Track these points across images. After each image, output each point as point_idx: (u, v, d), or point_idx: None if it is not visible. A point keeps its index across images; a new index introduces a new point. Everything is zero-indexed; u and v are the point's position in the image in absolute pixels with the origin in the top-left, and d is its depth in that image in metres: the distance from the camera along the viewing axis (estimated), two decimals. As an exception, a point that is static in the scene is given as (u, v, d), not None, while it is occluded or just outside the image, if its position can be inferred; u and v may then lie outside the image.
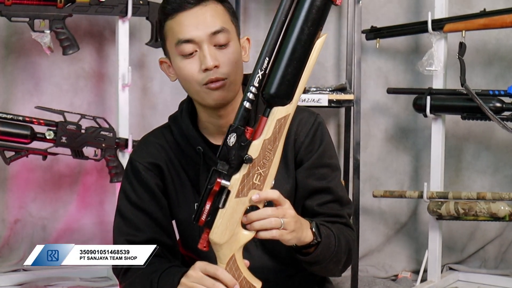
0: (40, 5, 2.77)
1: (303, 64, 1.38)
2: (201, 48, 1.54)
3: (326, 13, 1.40)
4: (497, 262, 3.21)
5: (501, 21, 2.76)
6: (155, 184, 1.65)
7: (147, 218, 1.64)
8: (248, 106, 1.38)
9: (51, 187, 3.20)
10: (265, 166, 1.39)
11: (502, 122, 2.73)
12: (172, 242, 1.67)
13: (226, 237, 1.40)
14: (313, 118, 1.65)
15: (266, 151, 1.39)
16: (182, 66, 1.57)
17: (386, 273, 3.21)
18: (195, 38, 1.54)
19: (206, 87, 1.55)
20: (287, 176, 1.63)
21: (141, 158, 1.66)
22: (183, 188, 1.66)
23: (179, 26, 1.54)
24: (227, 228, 1.39)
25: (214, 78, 1.54)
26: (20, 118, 2.79)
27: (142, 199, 1.65)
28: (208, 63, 1.53)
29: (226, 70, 1.55)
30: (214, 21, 1.54)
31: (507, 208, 2.75)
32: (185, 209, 1.65)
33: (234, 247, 1.41)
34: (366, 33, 3.10)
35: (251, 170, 1.38)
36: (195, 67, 1.55)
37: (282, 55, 1.37)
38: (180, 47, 1.55)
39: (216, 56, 1.54)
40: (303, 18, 1.37)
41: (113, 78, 3.11)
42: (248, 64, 1.61)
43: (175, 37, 1.55)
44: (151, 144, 1.68)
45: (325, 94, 2.91)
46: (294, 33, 1.37)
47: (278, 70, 1.37)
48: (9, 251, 3.15)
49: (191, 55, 1.55)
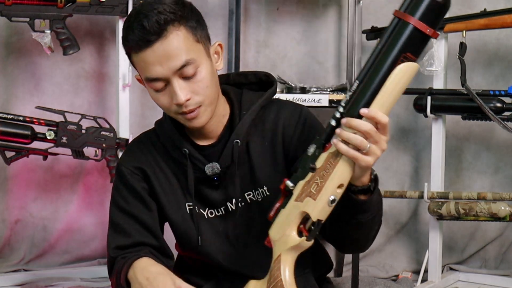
0: (40, 5, 2.77)
1: (379, 85, 1.37)
2: (170, 82, 1.52)
3: (424, 45, 1.39)
4: (497, 262, 3.21)
5: (501, 21, 2.76)
6: (142, 187, 1.66)
7: (135, 222, 1.65)
8: (333, 124, 1.40)
9: (52, 187, 3.20)
10: (323, 178, 1.41)
11: (502, 122, 2.73)
12: (160, 243, 1.67)
13: (278, 236, 1.45)
14: (299, 109, 1.66)
15: (328, 163, 1.40)
16: (155, 98, 1.57)
17: (387, 273, 3.21)
18: (161, 76, 1.51)
19: (182, 116, 1.56)
20: (276, 170, 1.64)
21: (127, 163, 1.68)
22: (172, 189, 1.66)
23: (143, 63, 1.52)
24: (281, 227, 1.45)
25: (188, 111, 1.54)
26: (21, 118, 2.79)
27: (130, 204, 1.66)
28: (179, 100, 1.52)
29: (199, 99, 1.54)
30: (177, 55, 1.50)
31: (508, 208, 2.75)
32: (176, 210, 1.67)
33: (282, 247, 1.45)
34: (367, 33, 3.10)
35: (312, 179, 1.42)
36: (167, 100, 1.54)
37: (367, 77, 1.38)
38: (149, 83, 1.54)
39: (186, 88, 1.52)
40: (399, 48, 1.36)
41: (113, 78, 3.12)
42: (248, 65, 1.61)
43: (143, 73, 1.54)
44: (137, 149, 1.69)
45: (325, 94, 2.91)
46: (385, 61, 1.36)
47: (360, 90, 1.38)
48: (10, 251, 3.15)
49: (162, 89, 1.54)
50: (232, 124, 1.64)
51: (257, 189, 1.65)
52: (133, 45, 1.51)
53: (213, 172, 1.63)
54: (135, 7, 1.58)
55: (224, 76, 1.71)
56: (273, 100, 1.69)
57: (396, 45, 1.36)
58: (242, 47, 3.25)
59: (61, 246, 3.20)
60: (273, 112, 1.66)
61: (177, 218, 1.67)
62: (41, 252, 3.17)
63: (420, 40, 1.36)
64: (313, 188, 1.41)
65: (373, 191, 1.48)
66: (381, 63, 1.37)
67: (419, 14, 1.35)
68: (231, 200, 1.66)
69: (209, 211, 1.68)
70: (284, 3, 3.31)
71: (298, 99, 2.86)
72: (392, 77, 1.36)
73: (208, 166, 1.63)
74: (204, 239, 1.67)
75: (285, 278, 1.46)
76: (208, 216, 1.68)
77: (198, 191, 1.66)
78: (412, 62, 1.36)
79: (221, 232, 1.67)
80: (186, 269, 1.78)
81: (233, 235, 1.67)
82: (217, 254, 1.68)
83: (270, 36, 3.32)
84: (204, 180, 1.65)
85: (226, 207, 1.67)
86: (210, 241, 1.67)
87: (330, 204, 1.41)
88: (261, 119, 1.66)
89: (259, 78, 1.73)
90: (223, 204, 1.67)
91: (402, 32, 1.36)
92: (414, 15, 1.35)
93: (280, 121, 1.65)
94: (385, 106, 1.38)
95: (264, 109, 1.67)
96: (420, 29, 1.35)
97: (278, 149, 1.64)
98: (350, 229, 1.53)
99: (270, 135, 1.65)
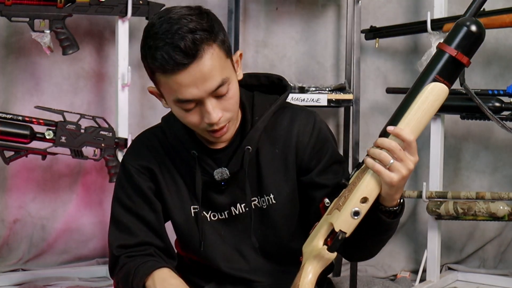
0: (40, 5, 2.77)
1: (407, 106, 1.44)
2: (202, 103, 1.47)
3: (457, 72, 1.47)
4: (496, 262, 3.21)
5: (500, 21, 2.76)
6: (148, 187, 1.63)
7: (140, 222, 1.63)
8: None
9: (51, 187, 3.20)
10: (351, 191, 1.43)
11: (501, 122, 2.73)
12: (165, 244, 1.66)
13: (307, 248, 1.47)
14: (313, 118, 1.63)
15: (357, 178, 1.44)
16: (182, 115, 1.51)
17: (385, 273, 3.21)
18: (196, 97, 1.46)
19: (210, 134, 1.53)
20: (286, 179, 1.62)
21: (133, 161, 1.64)
22: (178, 190, 1.64)
23: (176, 85, 1.44)
24: (311, 240, 1.47)
25: (218, 128, 1.51)
26: (20, 118, 2.79)
27: (135, 203, 1.63)
28: (213, 120, 1.48)
29: (229, 115, 1.51)
30: (213, 76, 1.44)
31: (506, 208, 2.75)
32: (181, 212, 1.65)
33: (308, 256, 1.46)
34: (366, 33, 3.10)
35: (342, 193, 1.45)
36: (196, 118, 1.50)
37: (403, 101, 1.45)
38: (179, 103, 1.48)
39: (219, 106, 1.48)
40: (431, 71, 1.44)
41: (112, 78, 3.12)
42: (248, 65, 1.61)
43: (173, 94, 1.47)
44: (143, 146, 1.65)
45: (324, 94, 2.91)
46: (418, 84, 1.44)
47: (395, 113, 1.46)
48: (8, 251, 3.15)
49: (192, 109, 1.49)
50: (243, 130, 1.61)
51: (263, 196, 1.63)
52: (164, 67, 1.42)
53: (222, 177, 1.60)
54: (153, 21, 1.46)
55: None
56: (285, 104, 1.66)
57: (429, 69, 1.43)
58: (241, 47, 3.25)
59: (60, 246, 3.20)
60: (286, 119, 1.63)
61: (181, 220, 1.65)
62: (40, 252, 3.17)
63: (453, 66, 1.44)
64: (341, 201, 1.43)
65: (398, 215, 1.50)
66: (414, 86, 1.44)
67: (455, 43, 1.43)
68: (236, 205, 1.64)
69: (212, 214, 1.66)
70: (283, 3, 3.32)
71: (297, 99, 2.87)
72: (419, 96, 1.42)
73: (218, 171, 1.60)
74: (206, 242, 1.66)
75: (303, 285, 1.45)
76: (211, 219, 1.66)
77: (204, 194, 1.63)
78: (441, 84, 1.42)
79: (222, 235, 1.66)
80: (187, 269, 1.78)
81: (234, 240, 1.65)
82: (217, 257, 1.66)
83: (269, 36, 3.33)
84: (210, 184, 1.62)
85: (230, 212, 1.65)
86: (212, 244, 1.66)
87: (353, 216, 1.41)
88: (273, 125, 1.63)
89: (271, 81, 1.69)
90: (227, 208, 1.65)
91: (438, 59, 1.44)
92: (451, 44, 1.43)
93: (294, 129, 1.62)
94: (411, 124, 1.43)
95: (277, 115, 1.63)
96: (454, 56, 1.43)
97: (290, 157, 1.62)
98: (369, 246, 1.56)
99: (282, 142, 1.62)
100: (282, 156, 1.62)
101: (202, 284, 1.73)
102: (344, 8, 3.23)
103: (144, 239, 1.62)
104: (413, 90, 1.43)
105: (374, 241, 1.54)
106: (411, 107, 1.41)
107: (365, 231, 1.47)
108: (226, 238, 1.65)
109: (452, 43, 1.43)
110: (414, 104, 1.42)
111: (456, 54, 1.42)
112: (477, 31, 1.43)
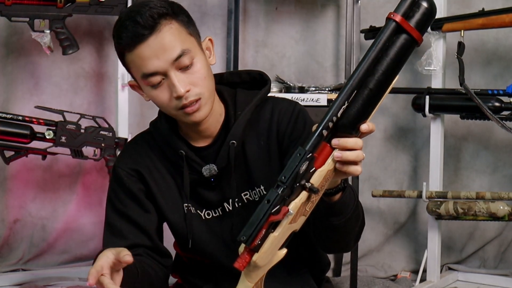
0: (40, 5, 2.77)
1: (379, 100, 1.36)
2: (167, 75, 1.52)
3: (410, 55, 1.37)
4: (496, 262, 3.21)
5: (500, 21, 2.76)
6: (138, 189, 1.66)
7: (131, 225, 1.65)
8: (324, 134, 1.33)
9: (51, 186, 3.20)
10: (319, 195, 1.36)
11: (501, 122, 2.73)
12: (153, 243, 1.67)
13: (267, 260, 1.36)
14: (292, 106, 1.66)
15: (325, 180, 1.36)
16: (153, 95, 1.56)
17: (385, 273, 3.21)
18: (159, 69, 1.52)
19: (183, 111, 1.55)
20: (273, 169, 1.64)
21: (123, 165, 1.68)
22: (169, 191, 1.66)
23: (139, 59, 1.52)
24: (271, 252, 1.35)
25: (188, 103, 1.53)
26: (20, 117, 2.79)
27: (126, 205, 1.66)
28: (179, 92, 1.51)
29: (199, 90, 1.54)
30: (172, 46, 1.51)
31: (506, 207, 2.75)
32: (174, 211, 1.67)
33: (267, 268, 1.38)
34: (365, 33, 3.10)
35: (309, 199, 1.35)
36: (166, 95, 1.54)
37: (367, 89, 1.34)
38: (146, 79, 1.53)
39: (185, 80, 1.52)
40: (393, 59, 1.34)
41: (112, 77, 3.12)
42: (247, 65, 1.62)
43: (139, 70, 1.53)
44: (133, 150, 1.69)
45: (324, 94, 2.91)
46: (384, 72, 1.34)
47: (359, 102, 1.34)
48: (9, 251, 3.15)
49: (159, 84, 1.53)
50: (227, 125, 1.64)
51: (253, 189, 1.65)
52: (127, 42, 1.51)
53: (210, 173, 1.63)
54: (123, 10, 1.58)
55: (217, 76, 1.70)
56: (268, 98, 1.69)
57: (397, 60, 1.34)
58: (241, 47, 3.26)
59: (60, 246, 3.20)
60: (268, 110, 1.66)
61: (175, 219, 1.67)
62: (40, 252, 3.17)
63: (411, 49, 1.36)
64: (308, 207, 1.36)
65: (345, 187, 1.47)
66: (386, 76, 1.35)
67: (417, 22, 1.34)
68: (228, 200, 1.66)
69: (206, 212, 1.67)
70: (283, 3, 3.32)
71: (297, 99, 2.87)
72: (388, 91, 1.37)
73: (206, 168, 1.63)
74: (203, 240, 1.67)
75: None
76: (205, 217, 1.67)
77: (195, 193, 1.66)
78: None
79: (218, 233, 1.67)
80: (185, 269, 1.78)
81: (230, 236, 1.66)
82: (214, 255, 1.67)
83: (269, 35, 3.33)
84: (200, 182, 1.65)
85: (223, 208, 1.67)
86: (208, 242, 1.67)
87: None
88: (257, 119, 1.66)
89: (252, 77, 1.72)
90: (220, 205, 1.67)
91: (401, 44, 1.34)
92: (412, 23, 1.34)
93: (274, 118, 1.65)
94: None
95: (259, 108, 1.66)
96: (418, 41, 1.34)
97: (273, 147, 1.64)
98: (326, 232, 1.52)
99: (265, 134, 1.65)
100: (267, 147, 1.65)
101: (201, 284, 1.73)
102: (343, 8, 3.23)
103: (134, 241, 1.64)
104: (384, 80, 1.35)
105: (329, 228, 1.50)
106: (380, 101, 1.37)
107: (317, 219, 1.47)
108: (222, 235, 1.66)
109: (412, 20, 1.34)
110: (383, 98, 1.37)
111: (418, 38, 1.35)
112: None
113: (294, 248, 1.57)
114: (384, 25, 1.35)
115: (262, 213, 1.31)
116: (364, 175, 3.26)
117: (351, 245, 1.60)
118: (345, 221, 1.49)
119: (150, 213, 1.67)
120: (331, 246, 1.62)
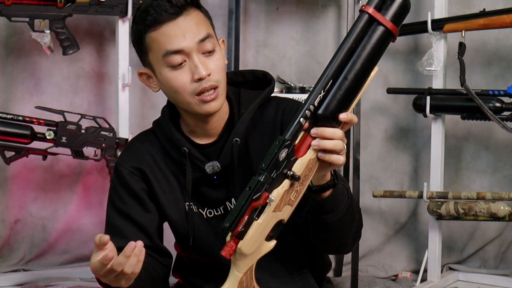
0: (40, 5, 2.77)
1: (358, 91, 1.39)
2: (190, 57, 1.54)
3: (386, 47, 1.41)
4: (497, 262, 3.21)
5: (500, 21, 2.76)
6: (140, 188, 1.66)
7: (132, 224, 1.65)
8: (302, 122, 1.37)
9: (51, 187, 3.20)
10: (303, 184, 1.40)
11: (501, 122, 2.73)
12: (153, 243, 1.67)
13: (254, 249, 1.39)
14: (296, 106, 1.66)
15: (308, 169, 1.39)
16: (171, 77, 1.56)
17: (386, 273, 3.21)
18: (185, 48, 1.54)
19: (199, 98, 1.55)
20: None
21: (126, 163, 1.68)
22: (171, 189, 1.66)
23: (165, 37, 1.54)
24: (257, 240, 1.39)
25: (208, 86, 1.54)
26: (20, 118, 2.79)
27: (128, 205, 1.66)
28: (201, 73, 1.53)
29: (218, 77, 1.56)
30: (199, 29, 1.55)
31: (507, 208, 2.75)
32: (175, 210, 1.67)
33: (255, 257, 1.41)
34: (366, 33, 3.10)
35: (292, 187, 1.38)
36: (186, 77, 1.55)
37: (344, 80, 1.38)
38: (168, 58, 1.54)
39: (206, 64, 1.54)
40: (371, 50, 1.38)
41: (113, 78, 3.12)
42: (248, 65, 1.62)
43: (162, 49, 1.54)
44: (136, 149, 1.69)
45: (324, 94, 2.91)
46: (360, 62, 1.38)
47: (337, 93, 1.38)
48: (9, 251, 3.15)
49: (180, 66, 1.55)
50: (231, 123, 1.64)
51: None
52: (155, 19, 1.53)
53: (213, 170, 1.63)
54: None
55: None
56: (272, 97, 1.70)
57: (372, 51, 1.38)
58: (241, 47, 3.26)
59: (61, 246, 3.20)
60: (272, 109, 1.67)
61: (176, 218, 1.67)
62: (41, 252, 3.17)
63: (387, 41, 1.40)
64: (292, 196, 1.39)
65: (336, 184, 1.48)
66: (363, 67, 1.38)
67: (391, 14, 1.38)
68: (230, 199, 1.66)
69: (208, 211, 1.67)
70: (284, 3, 3.32)
71: (298, 99, 2.85)
72: (367, 82, 1.39)
73: (209, 165, 1.63)
74: (203, 239, 1.67)
75: (256, 284, 1.44)
76: (207, 216, 1.67)
77: (198, 191, 1.66)
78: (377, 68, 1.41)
79: (219, 232, 1.67)
80: (186, 269, 1.78)
81: None
82: (215, 254, 1.67)
83: (269, 36, 3.33)
84: (203, 180, 1.65)
85: (225, 207, 1.67)
86: (208, 241, 1.67)
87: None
88: (260, 118, 1.66)
89: (256, 77, 1.73)
90: (222, 204, 1.67)
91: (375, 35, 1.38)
92: (386, 15, 1.38)
93: (278, 118, 1.65)
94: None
95: (263, 108, 1.67)
96: (393, 32, 1.38)
97: None
98: (322, 231, 1.54)
99: (269, 133, 1.65)
100: (269, 145, 1.63)
101: (202, 284, 1.73)
102: (344, 9, 3.23)
103: (134, 240, 1.63)
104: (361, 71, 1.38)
105: (322, 226, 1.52)
106: (361, 92, 1.39)
107: (311, 218, 1.49)
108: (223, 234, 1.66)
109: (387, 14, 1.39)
110: (363, 89, 1.39)
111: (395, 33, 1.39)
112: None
113: (296, 248, 1.57)
114: (357, 17, 1.40)
115: (244, 200, 1.36)
116: (365, 176, 3.26)
117: (349, 245, 1.61)
118: (338, 219, 1.50)
119: (151, 213, 1.67)
120: (329, 247, 1.63)
